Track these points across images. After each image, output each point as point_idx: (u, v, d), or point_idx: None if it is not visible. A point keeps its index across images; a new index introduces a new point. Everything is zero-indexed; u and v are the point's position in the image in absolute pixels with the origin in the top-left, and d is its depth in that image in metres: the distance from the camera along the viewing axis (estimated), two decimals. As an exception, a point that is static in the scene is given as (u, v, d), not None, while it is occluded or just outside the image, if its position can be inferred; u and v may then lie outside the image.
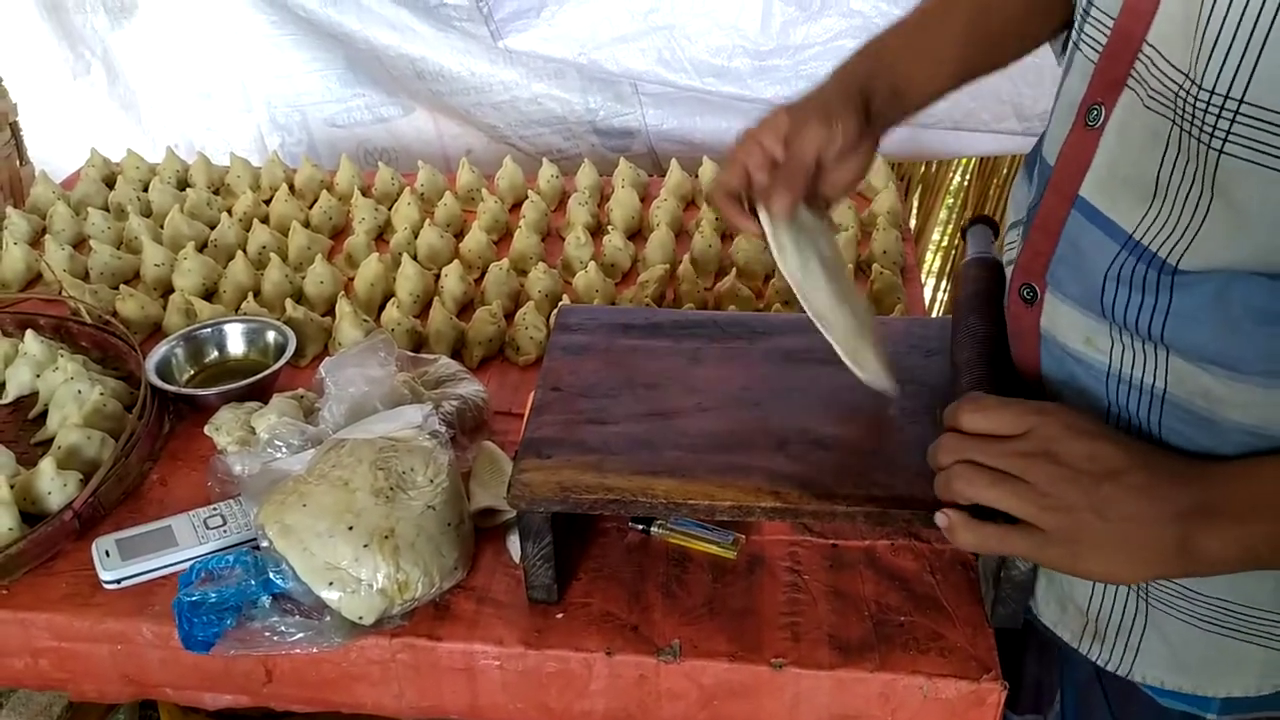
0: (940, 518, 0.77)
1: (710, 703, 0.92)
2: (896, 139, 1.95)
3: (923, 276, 2.58)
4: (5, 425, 1.21)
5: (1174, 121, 0.68)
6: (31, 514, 1.04)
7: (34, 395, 1.23)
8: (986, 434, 0.76)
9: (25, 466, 1.09)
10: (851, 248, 1.46)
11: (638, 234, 1.58)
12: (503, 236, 1.57)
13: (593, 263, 1.40)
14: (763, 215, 0.89)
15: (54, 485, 1.05)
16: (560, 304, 1.28)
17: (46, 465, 1.05)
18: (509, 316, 1.35)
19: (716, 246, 1.47)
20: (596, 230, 1.56)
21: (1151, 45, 0.70)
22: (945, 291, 2.68)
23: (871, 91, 0.92)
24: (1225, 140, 0.64)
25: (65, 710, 1.45)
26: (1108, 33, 0.75)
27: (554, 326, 1.10)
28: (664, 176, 1.68)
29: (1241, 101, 0.63)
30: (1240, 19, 0.62)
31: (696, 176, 1.68)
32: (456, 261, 1.44)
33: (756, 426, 0.94)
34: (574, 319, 1.11)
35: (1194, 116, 0.66)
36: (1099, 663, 0.88)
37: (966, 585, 0.96)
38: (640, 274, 1.43)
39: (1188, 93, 0.66)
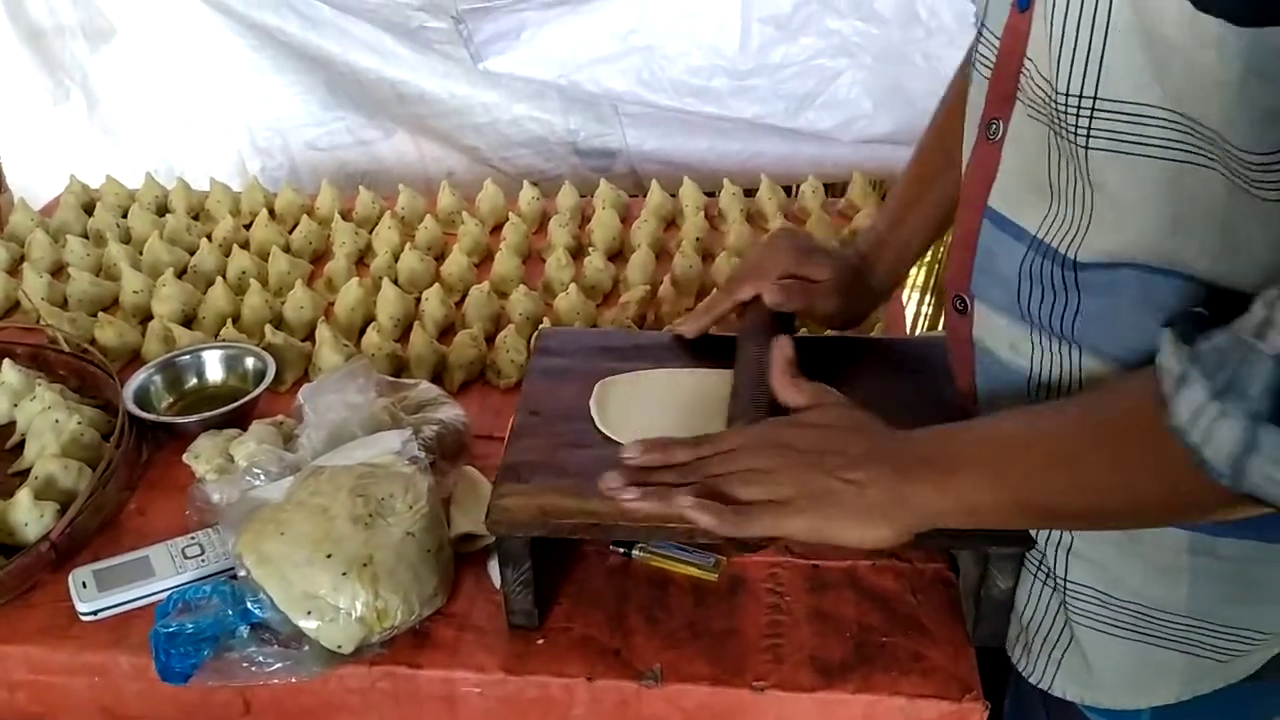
0: (683, 498, 0.79)
1: (692, 727, 0.92)
2: (877, 155, 1.98)
3: (907, 290, 2.60)
4: (-18, 456, 1.20)
5: (1049, 127, 0.73)
6: (8, 545, 1.03)
7: (11, 425, 1.22)
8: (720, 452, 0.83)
9: (2, 497, 1.08)
10: (832, 266, 1.46)
11: (619, 255, 1.57)
12: (484, 259, 1.57)
13: (574, 284, 1.40)
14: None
15: (31, 516, 1.04)
16: (541, 326, 1.28)
17: (23, 496, 1.04)
18: (490, 339, 1.34)
19: (698, 267, 1.48)
20: (577, 252, 1.56)
21: (1030, 59, 0.74)
22: (930, 305, 2.69)
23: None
24: (1089, 136, 0.69)
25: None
26: (996, 51, 0.79)
27: (534, 349, 1.10)
28: (645, 197, 1.68)
29: (1096, 98, 0.68)
30: (1078, 22, 0.67)
31: (677, 196, 1.68)
32: (437, 285, 1.44)
33: None
34: (554, 342, 1.11)
35: (1061, 120, 0.71)
36: (1024, 674, 0.89)
37: (948, 604, 0.96)
38: (622, 295, 1.43)
39: (1054, 100, 0.71)
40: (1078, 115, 0.69)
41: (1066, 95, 0.69)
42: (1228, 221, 0.67)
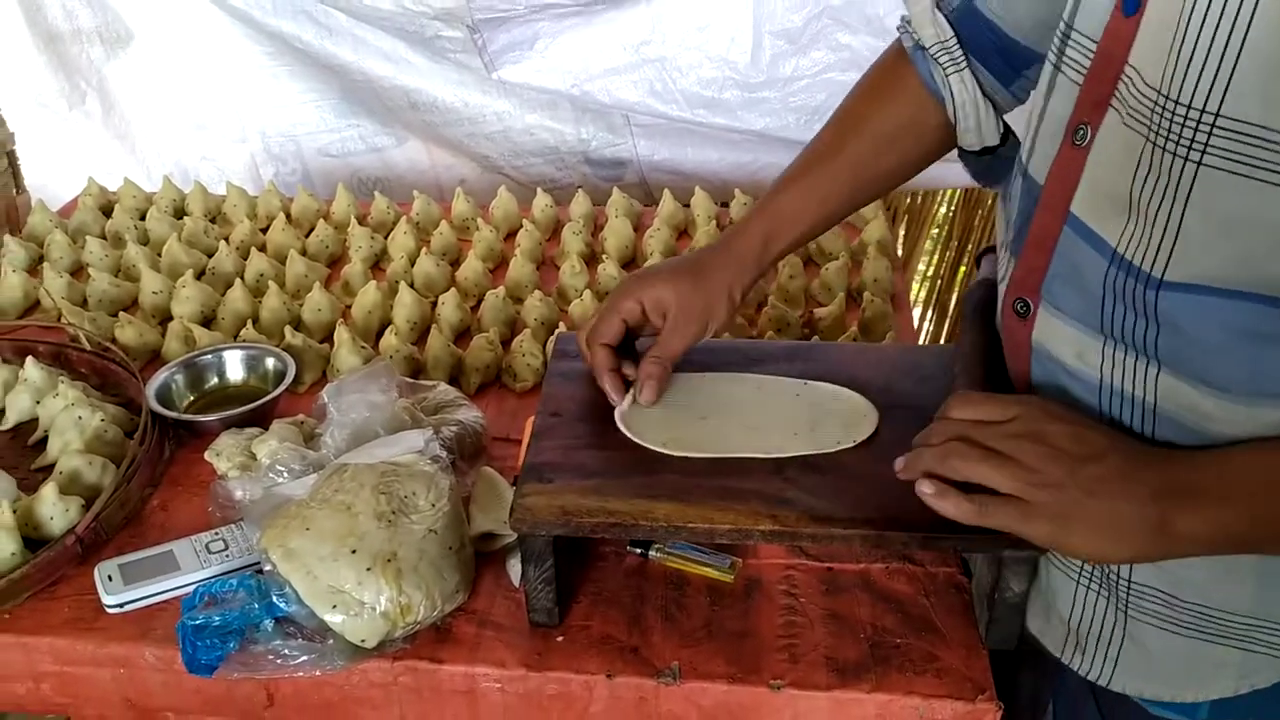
0: (925, 485, 0.79)
1: (709, 724, 0.93)
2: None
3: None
4: (5, 451, 1.22)
5: (1147, 138, 0.72)
6: (33, 539, 1.04)
7: (34, 421, 1.24)
8: (979, 420, 0.80)
9: (27, 492, 1.09)
10: (843, 276, 1.48)
11: (631, 262, 1.59)
12: (498, 265, 1.59)
13: (588, 291, 1.42)
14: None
15: (56, 510, 1.05)
16: (557, 331, 1.30)
17: (49, 491, 1.06)
18: (505, 344, 1.36)
19: (709, 275, 1.49)
20: (591, 259, 1.58)
21: (1132, 66, 0.73)
22: (931, 321, 2.70)
23: (765, 260, 1.06)
24: (1204, 152, 0.68)
25: (57, 735, 1.45)
26: (1091, 55, 0.78)
27: (553, 353, 1.12)
28: (656, 206, 1.70)
29: (1218, 115, 0.67)
30: (1214, 35, 0.66)
31: (688, 206, 1.70)
32: (453, 289, 1.46)
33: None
34: (572, 346, 1.12)
35: (1169, 132, 0.69)
36: (1081, 673, 0.90)
37: (961, 607, 0.98)
38: (635, 302, 1.44)
39: (1164, 109, 0.70)
40: (1195, 129, 0.68)
41: (1188, 108, 0.68)
42: None
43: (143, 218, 1.70)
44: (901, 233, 2.55)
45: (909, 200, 2.50)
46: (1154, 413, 0.78)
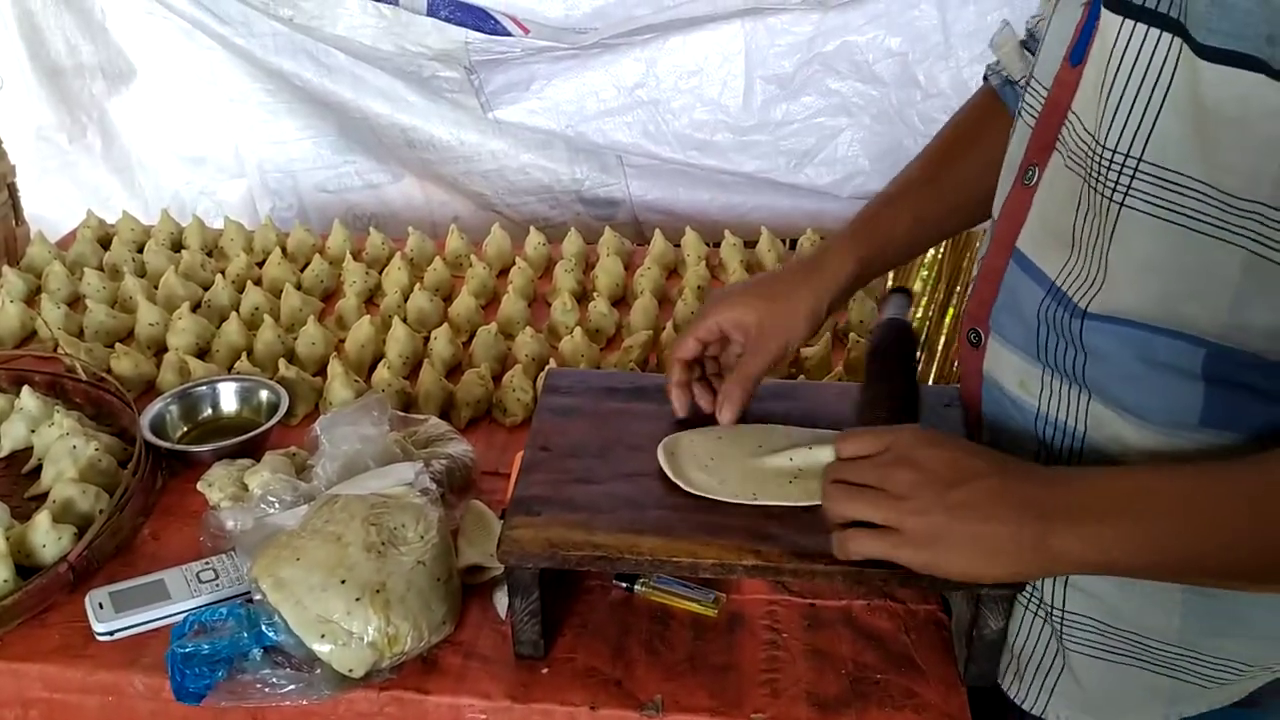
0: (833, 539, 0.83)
1: (691, 757, 0.94)
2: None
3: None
4: (-2, 479, 1.23)
5: (1084, 179, 0.76)
6: (25, 566, 1.05)
7: (28, 450, 1.25)
8: (855, 457, 0.83)
9: (19, 520, 1.10)
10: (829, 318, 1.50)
11: (621, 301, 1.62)
12: (490, 301, 1.61)
13: (578, 328, 1.44)
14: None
15: (49, 538, 1.06)
16: (548, 367, 1.32)
17: (42, 518, 1.07)
18: (496, 379, 1.38)
19: (699, 314, 1.52)
20: (582, 297, 1.61)
21: (1073, 112, 0.78)
22: (919, 362, 2.73)
23: (853, 277, 1.05)
24: (1126, 194, 0.72)
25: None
26: (1043, 101, 0.83)
27: (543, 388, 1.14)
28: (647, 245, 1.73)
29: (1140, 160, 0.71)
30: (1139, 88, 0.70)
31: (679, 246, 1.73)
32: (445, 325, 1.48)
33: None
34: (562, 381, 1.14)
35: (1099, 174, 0.74)
36: (1016, 701, 0.93)
37: (940, 644, 0.99)
38: (624, 340, 1.47)
39: (1095, 153, 0.74)
40: (1120, 172, 0.72)
41: (1114, 152, 0.72)
42: (1243, 293, 0.70)
43: (140, 250, 1.73)
44: (890, 276, 2.58)
45: (898, 243, 2.54)
46: (1084, 441, 0.82)
